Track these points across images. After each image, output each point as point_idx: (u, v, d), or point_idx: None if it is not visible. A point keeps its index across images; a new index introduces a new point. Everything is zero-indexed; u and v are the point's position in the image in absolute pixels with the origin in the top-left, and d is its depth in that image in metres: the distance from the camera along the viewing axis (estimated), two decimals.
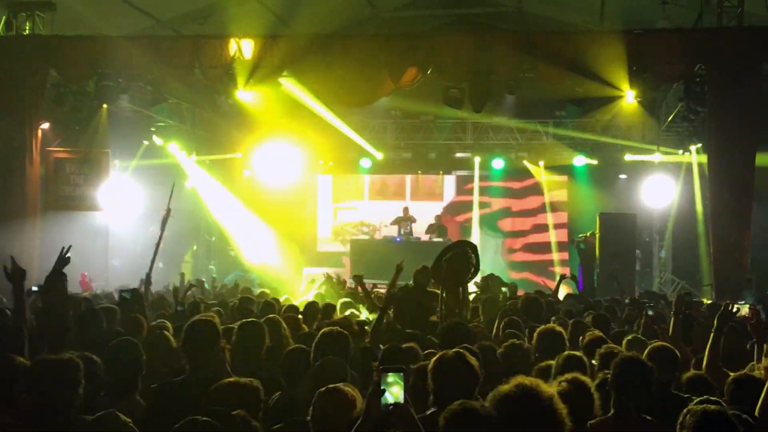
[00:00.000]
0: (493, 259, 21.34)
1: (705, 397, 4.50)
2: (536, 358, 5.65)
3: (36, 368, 4.17)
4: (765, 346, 6.11)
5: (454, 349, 4.20)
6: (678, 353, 5.42)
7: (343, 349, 5.24)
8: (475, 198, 22.14)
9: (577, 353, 5.28)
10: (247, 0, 15.09)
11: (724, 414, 3.74)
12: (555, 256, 21.36)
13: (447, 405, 3.48)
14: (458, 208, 22.59)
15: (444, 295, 7.86)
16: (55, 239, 14.19)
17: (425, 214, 21.29)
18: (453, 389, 3.87)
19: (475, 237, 21.25)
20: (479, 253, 8.46)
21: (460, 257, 8.11)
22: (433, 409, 3.97)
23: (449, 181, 22.88)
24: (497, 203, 22.31)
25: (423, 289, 8.62)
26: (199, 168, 20.79)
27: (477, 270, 8.22)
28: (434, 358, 4.17)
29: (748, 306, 10.47)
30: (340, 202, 23.48)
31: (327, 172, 22.94)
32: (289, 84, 14.87)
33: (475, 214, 22.13)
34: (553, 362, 5.03)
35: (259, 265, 19.76)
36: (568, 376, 4.16)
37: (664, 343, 5.57)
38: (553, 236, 21.58)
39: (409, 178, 22.98)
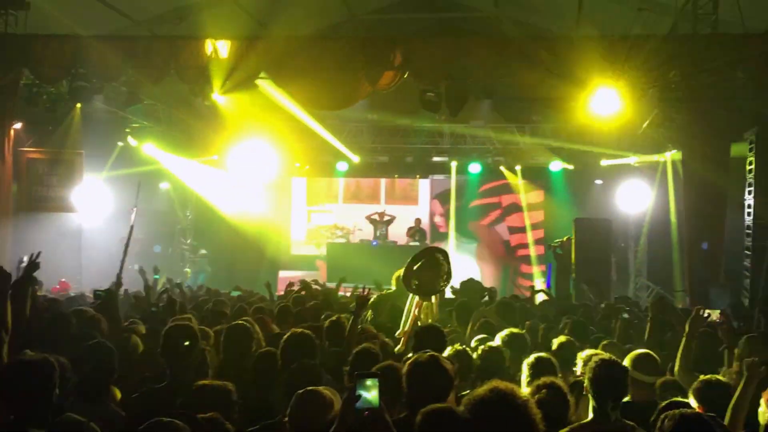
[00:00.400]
0: (468, 264, 21.39)
1: (671, 399, 4.55)
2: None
3: (11, 369, 4.11)
4: (735, 350, 6.19)
5: (428, 353, 4.18)
6: (658, 359, 5.46)
7: (309, 351, 5.21)
8: (452, 203, 22.18)
9: (545, 355, 5.29)
10: (223, 1, 15.04)
11: (701, 416, 3.76)
12: (533, 260, 21.44)
13: (420, 408, 3.47)
14: (436, 211, 22.62)
15: (415, 305, 7.72)
16: (28, 240, 14.09)
17: (400, 219, 21.32)
18: (427, 393, 3.86)
19: (451, 241, 21.32)
20: (451, 259, 8.29)
21: (431, 265, 7.96)
22: (405, 413, 3.95)
23: (424, 185, 22.89)
24: (474, 207, 22.35)
25: (403, 294, 8.52)
26: (175, 169, 20.71)
27: (449, 277, 8.08)
28: (409, 362, 4.17)
29: (718, 311, 10.60)
30: (314, 205, 23.43)
31: (303, 175, 22.90)
32: (265, 86, 14.80)
33: (452, 221, 22.16)
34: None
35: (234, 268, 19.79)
36: (544, 380, 4.15)
37: (646, 350, 5.62)
38: (531, 240, 21.67)
39: (383, 182, 22.98)
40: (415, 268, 7.97)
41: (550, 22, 18.10)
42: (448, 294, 10.84)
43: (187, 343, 4.79)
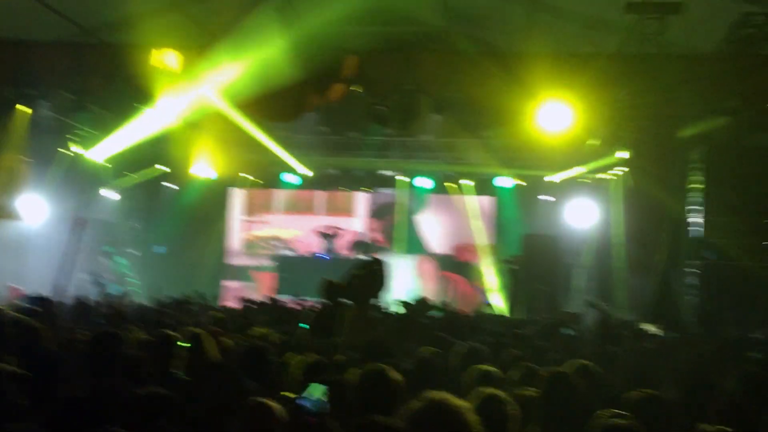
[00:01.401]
0: (409, 279, 21.44)
1: (610, 410, 4.57)
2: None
3: None
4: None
5: (378, 365, 4.20)
6: (599, 371, 5.50)
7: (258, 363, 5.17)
8: (398, 216, 22.19)
9: (490, 367, 5.30)
10: (171, 10, 14.87)
11: (634, 428, 3.77)
12: (482, 276, 21.51)
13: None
14: (373, 226, 22.57)
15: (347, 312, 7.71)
16: None
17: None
18: (375, 405, 3.85)
19: (392, 256, 21.40)
20: (392, 271, 8.35)
21: (368, 275, 8.00)
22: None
23: (362, 199, 22.80)
24: (418, 220, 22.38)
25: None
26: (118, 177, 20.52)
27: (382, 287, 8.12)
28: (360, 373, 4.18)
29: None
30: (252, 215, 23.26)
31: (248, 186, 22.75)
32: (211, 96, 14.69)
33: (397, 235, 22.19)
34: None
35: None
36: (485, 391, 4.14)
37: (586, 362, 5.63)
38: (480, 255, 21.75)
39: (321, 193, 22.89)
40: (353, 275, 7.98)
41: (501, 37, 18.23)
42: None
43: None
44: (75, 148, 18.45)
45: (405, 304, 12.45)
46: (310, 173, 21.34)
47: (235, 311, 12.08)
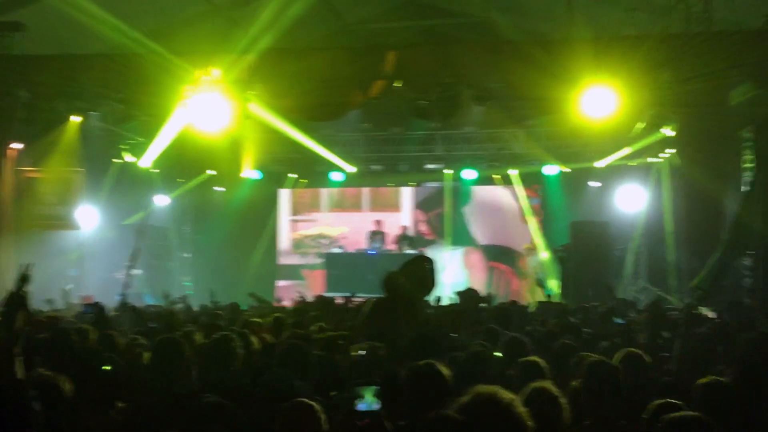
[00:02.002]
0: (458, 270, 21.43)
1: (665, 400, 4.53)
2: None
3: None
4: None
5: (425, 360, 4.21)
6: (647, 359, 5.44)
7: (300, 361, 5.23)
8: (446, 209, 22.19)
9: (535, 359, 5.31)
10: (215, 15, 15.11)
11: (701, 419, 3.77)
12: (530, 266, 21.42)
13: (419, 415, 3.49)
14: (420, 219, 22.54)
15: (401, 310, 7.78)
16: (29, 259, 14.12)
17: (387, 225, 21.47)
18: (424, 400, 3.88)
19: (441, 248, 21.41)
20: (439, 266, 8.31)
21: (416, 273, 8.03)
22: (405, 421, 3.97)
23: (407, 193, 22.83)
24: (464, 212, 22.33)
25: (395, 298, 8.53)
26: (171, 183, 20.89)
27: (433, 285, 8.12)
28: (406, 369, 4.18)
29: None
30: (298, 215, 23.43)
31: (296, 187, 22.96)
32: (255, 107, 14.88)
33: (446, 228, 22.19)
34: None
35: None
36: (533, 385, 4.15)
37: (634, 350, 5.58)
38: (528, 245, 21.65)
39: (367, 190, 22.96)
40: (401, 276, 8.03)
41: (541, 24, 18.14)
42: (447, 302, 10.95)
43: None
44: (127, 157, 18.84)
45: (458, 294, 12.51)
46: (354, 170, 21.46)
47: (288, 310, 12.22)
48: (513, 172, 21.14)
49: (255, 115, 15.31)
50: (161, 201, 20.80)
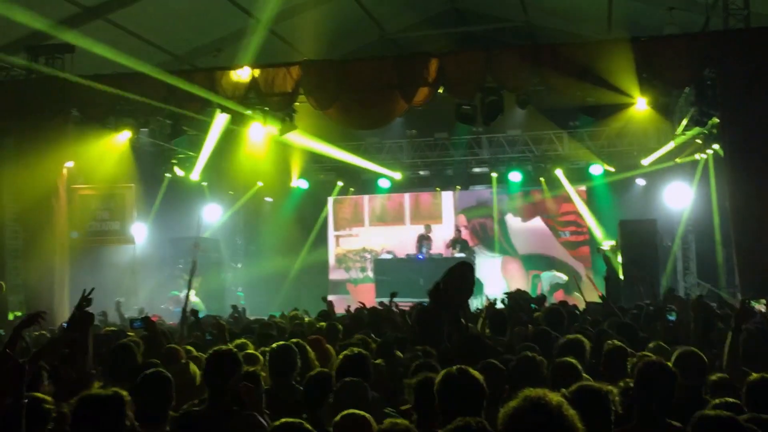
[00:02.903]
0: (500, 276, 21.45)
1: (723, 400, 4.52)
2: None
3: (83, 404, 4.11)
4: None
5: (457, 365, 4.19)
6: (704, 357, 5.38)
7: (362, 370, 5.33)
8: (495, 213, 22.18)
9: (573, 360, 5.36)
10: (257, 29, 15.35)
11: (735, 421, 3.78)
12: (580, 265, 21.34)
13: (450, 422, 3.52)
14: (462, 225, 22.46)
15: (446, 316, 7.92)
16: (85, 274, 14.53)
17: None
18: (458, 406, 3.85)
19: (485, 254, 21.40)
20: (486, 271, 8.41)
21: (456, 279, 8.16)
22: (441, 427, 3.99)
23: (448, 201, 22.82)
24: (509, 218, 22.30)
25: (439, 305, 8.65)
26: (221, 196, 21.24)
27: (471, 291, 8.24)
28: (440, 375, 4.16)
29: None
30: (340, 230, 23.55)
31: (348, 194, 23.10)
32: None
33: (496, 232, 22.19)
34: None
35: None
36: (577, 385, 4.16)
37: (691, 348, 5.52)
38: (575, 244, 21.57)
39: (408, 203, 22.99)
40: (441, 281, 8.18)
41: (581, 26, 18.14)
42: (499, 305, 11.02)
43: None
44: (177, 170, 19.21)
45: (507, 295, 12.59)
46: (404, 177, 21.59)
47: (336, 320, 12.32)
48: (558, 174, 20.99)
49: (300, 126, 15.57)
50: (212, 213, 21.14)
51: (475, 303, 11.82)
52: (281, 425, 3.77)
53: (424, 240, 20.82)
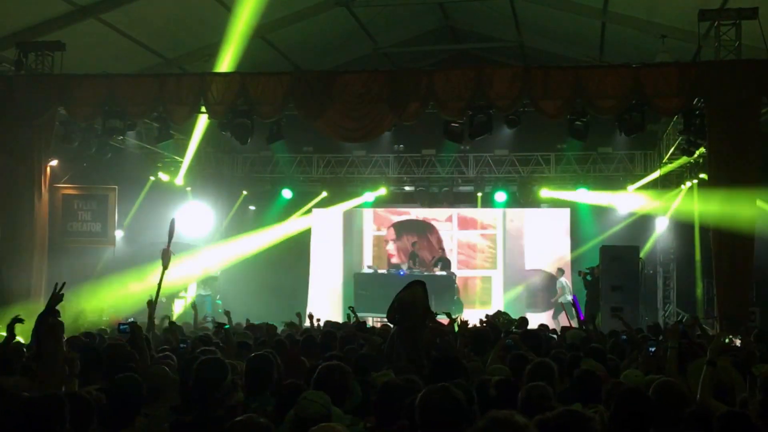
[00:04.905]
0: (486, 293, 21.40)
1: None
2: None
3: (22, 407, 4.14)
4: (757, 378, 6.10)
5: (439, 384, 4.10)
6: (683, 390, 5.35)
7: (340, 382, 5.21)
8: (472, 231, 22.13)
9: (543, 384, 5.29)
10: (250, 37, 15.32)
11: None
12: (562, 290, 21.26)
13: None
14: (449, 240, 22.36)
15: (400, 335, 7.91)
16: (63, 274, 14.34)
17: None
18: (439, 425, 3.81)
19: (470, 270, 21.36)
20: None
21: (409, 298, 8.15)
22: None
23: (436, 214, 22.43)
24: (495, 235, 22.19)
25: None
26: (204, 203, 21.07)
27: (424, 310, 8.20)
28: (420, 393, 4.07)
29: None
30: (322, 242, 23.06)
31: (328, 206, 22.81)
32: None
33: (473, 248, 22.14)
34: None
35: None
36: (563, 409, 4.11)
37: (669, 379, 5.49)
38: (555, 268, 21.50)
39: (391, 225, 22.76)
40: (396, 299, 8.17)
41: (574, 50, 18.23)
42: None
43: None
44: (161, 175, 19.09)
45: (487, 317, 12.54)
46: (389, 192, 21.52)
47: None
48: (544, 195, 20.93)
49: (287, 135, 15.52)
50: (191, 218, 20.92)
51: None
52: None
53: (416, 256, 20.81)
